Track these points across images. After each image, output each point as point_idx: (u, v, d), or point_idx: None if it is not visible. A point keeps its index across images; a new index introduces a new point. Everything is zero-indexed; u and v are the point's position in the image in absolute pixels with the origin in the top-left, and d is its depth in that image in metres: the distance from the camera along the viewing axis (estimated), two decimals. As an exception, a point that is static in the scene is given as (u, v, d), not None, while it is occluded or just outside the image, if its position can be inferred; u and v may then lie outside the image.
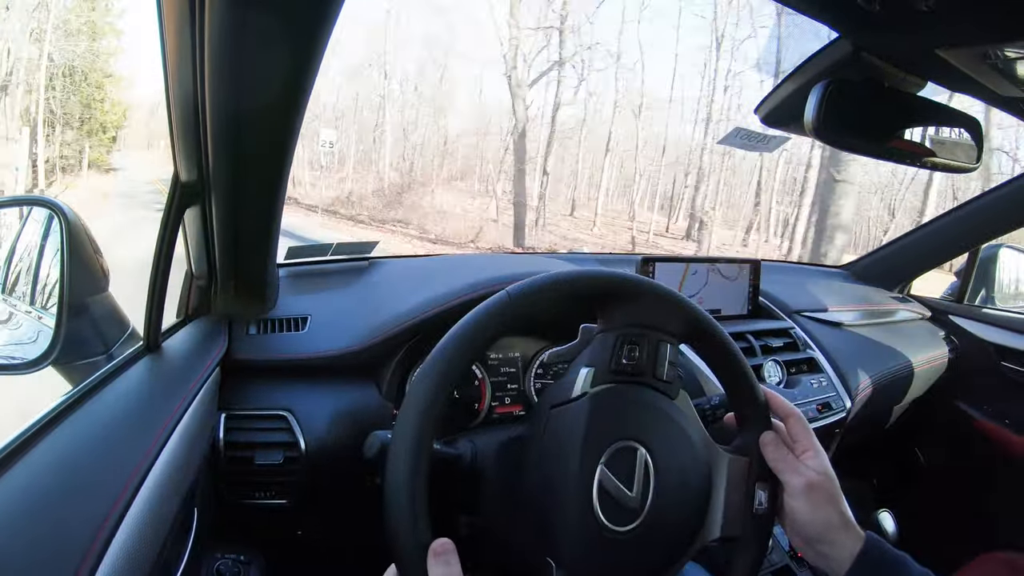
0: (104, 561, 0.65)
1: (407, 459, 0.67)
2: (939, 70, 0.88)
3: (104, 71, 19.42)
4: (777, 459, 0.82)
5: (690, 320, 0.82)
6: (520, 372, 1.43)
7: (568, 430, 0.76)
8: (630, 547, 0.74)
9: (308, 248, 1.59)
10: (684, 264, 1.82)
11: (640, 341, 0.79)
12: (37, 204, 1.07)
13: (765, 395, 0.87)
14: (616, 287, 0.81)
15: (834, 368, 1.82)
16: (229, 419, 1.16)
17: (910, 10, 0.73)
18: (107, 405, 0.85)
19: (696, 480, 0.79)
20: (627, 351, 0.79)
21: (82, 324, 1.04)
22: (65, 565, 0.61)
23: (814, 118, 0.85)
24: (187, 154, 0.88)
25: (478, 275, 1.32)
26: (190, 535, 1.02)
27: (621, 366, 0.78)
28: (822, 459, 0.83)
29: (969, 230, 2.18)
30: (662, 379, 0.80)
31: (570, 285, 0.79)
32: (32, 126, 16.21)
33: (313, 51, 0.67)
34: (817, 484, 0.80)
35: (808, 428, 0.85)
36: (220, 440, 1.15)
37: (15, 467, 0.67)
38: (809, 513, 0.79)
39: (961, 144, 0.98)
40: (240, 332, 1.27)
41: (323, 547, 1.39)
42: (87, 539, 0.65)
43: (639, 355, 0.79)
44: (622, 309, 0.81)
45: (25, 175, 14.61)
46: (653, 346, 0.80)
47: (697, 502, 0.79)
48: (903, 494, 2.40)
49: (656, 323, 0.81)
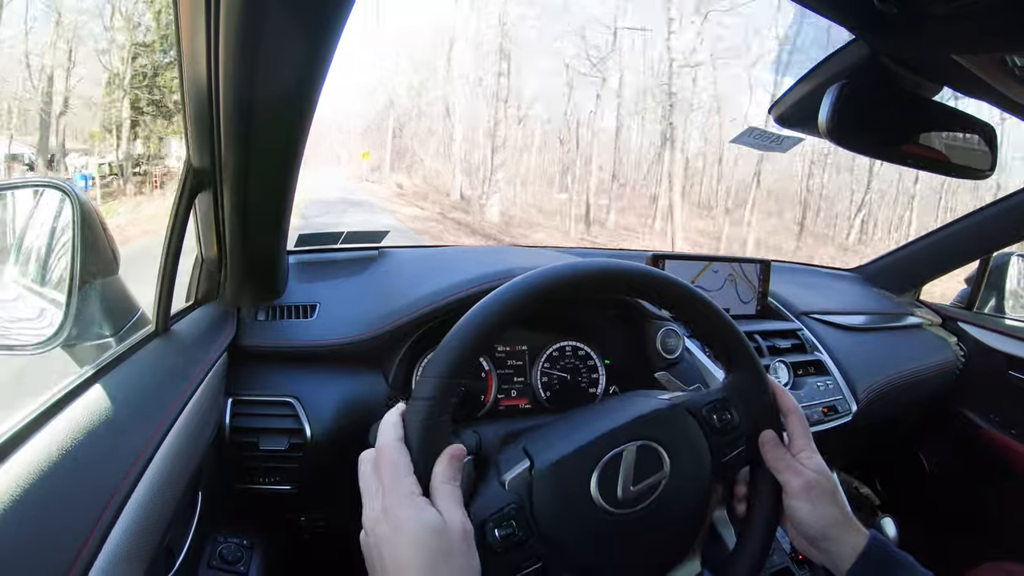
0: (108, 540, 0.66)
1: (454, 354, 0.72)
2: (955, 75, 0.87)
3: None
4: (776, 458, 0.83)
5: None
6: (527, 365, 1.43)
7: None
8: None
9: (318, 236, 1.60)
10: (704, 263, 1.83)
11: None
12: (49, 187, 1.08)
13: (772, 387, 0.88)
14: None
15: (841, 371, 1.81)
16: (236, 404, 1.17)
17: (927, 13, 0.72)
18: (116, 387, 0.85)
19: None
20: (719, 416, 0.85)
21: (92, 306, 1.04)
22: (69, 543, 0.62)
23: (828, 119, 0.84)
24: (200, 140, 0.89)
25: (487, 267, 1.32)
26: (194, 518, 1.03)
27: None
28: (818, 458, 0.84)
29: (981, 237, 2.16)
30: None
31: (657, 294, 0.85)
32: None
33: (327, 40, 0.67)
34: (815, 483, 0.81)
35: (806, 427, 0.87)
36: (226, 425, 1.15)
37: (26, 444, 0.67)
38: (810, 512, 0.80)
39: (975, 150, 0.98)
40: (249, 318, 1.27)
41: (326, 534, 1.40)
42: (92, 518, 0.66)
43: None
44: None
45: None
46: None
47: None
48: (906, 500, 2.39)
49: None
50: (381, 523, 0.64)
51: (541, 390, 1.42)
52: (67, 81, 17.41)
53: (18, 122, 16.98)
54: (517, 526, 0.71)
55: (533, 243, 7.68)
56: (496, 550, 0.69)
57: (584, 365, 1.46)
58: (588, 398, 1.44)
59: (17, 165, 16.42)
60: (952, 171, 0.99)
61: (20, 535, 0.59)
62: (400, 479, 0.66)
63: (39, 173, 14.45)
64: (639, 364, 1.42)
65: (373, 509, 0.67)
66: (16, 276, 1.17)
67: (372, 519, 0.66)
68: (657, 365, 1.39)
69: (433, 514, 0.63)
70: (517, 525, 0.71)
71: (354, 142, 35.94)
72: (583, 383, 1.45)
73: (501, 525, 0.70)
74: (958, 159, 0.96)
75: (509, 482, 0.74)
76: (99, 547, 0.64)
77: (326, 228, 1.65)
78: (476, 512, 0.70)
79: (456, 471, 0.68)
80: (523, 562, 0.70)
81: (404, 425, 0.70)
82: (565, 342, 1.45)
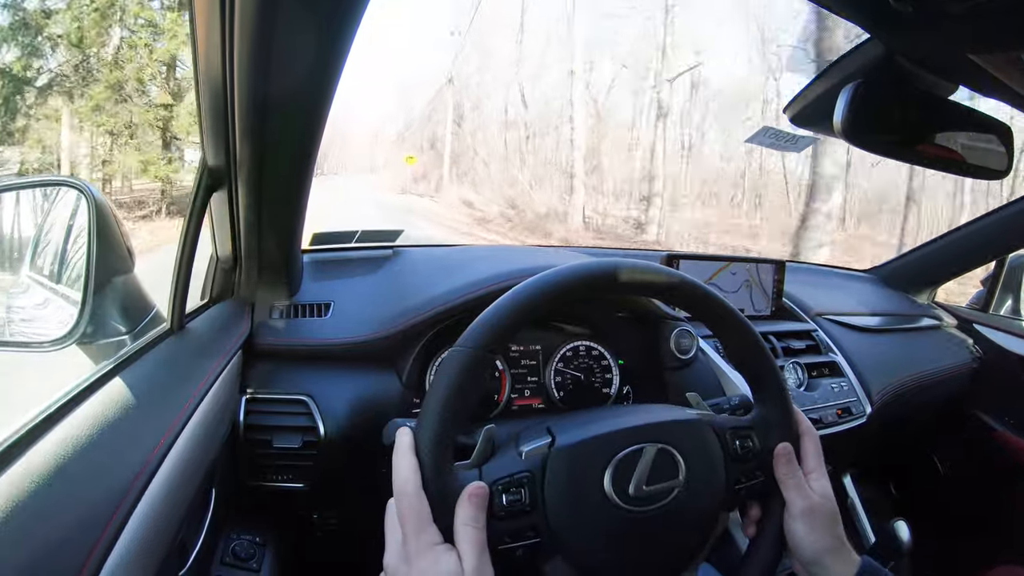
0: (122, 535, 0.66)
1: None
2: (971, 74, 0.87)
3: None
4: (787, 475, 0.83)
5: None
6: (540, 365, 1.43)
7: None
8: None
9: (333, 235, 1.60)
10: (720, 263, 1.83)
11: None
12: (65, 185, 1.09)
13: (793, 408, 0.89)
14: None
15: (856, 373, 1.80)
16: (250, 402, 1.18)
17: (943, 12, 0.72)
18: (131, 384, 0.86)
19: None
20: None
21: (107, 304, 1.05)
22: (83, 537, 0.62)
23: (843, 119, 0.84)
24: (215, 139, 0.89)
25: (501, 266, 1.32)
26: (207, 515, 1.03)
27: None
28: (825, 482, 0.84)
29: (997, 238, 2.14)
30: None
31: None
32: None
33: (342, 39, 0.68)
34: (818, 508, 0.81)
35: (819, 449, 0.87)
36: (240, 423, 1.16)
37: (42, 440, 0.68)
38: (806, 536, 0.80)
39: (991, 150, 0.97)
40: (263, 316, 1.28)
41: (338, 532, 1.40)
42: (106, 513, 0.66)
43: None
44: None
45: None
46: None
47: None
48: (920, 503, 2.37)
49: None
50: (401, 569, 0.66)
51: (555, 390, 1.42)
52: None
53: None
54: (525, 495, 0.72)
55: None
56: (499, 514, 0.70)
57: (598, 365, 1.45)
58: (602, 398, 1.44)
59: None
60: (968, 171, 0.98)
61: (35, 529, 0.59)
62: (422, 528, 0.66)
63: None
64: (653, 364, 1.42)
65: (394, 552, 0.67)
66: (33, 273, 1.18)
67: (393, 565, 0.67)
68: (671, 365, 1.38)
69: (452, 564, 0.64)
70: (525, 494, 0.72)
71: (390, 145, 31.23)
72: (596, 383, 1.45)
73: (509, 491, 0.71)
74: (974, 159, 0.95)
75: (527, 453, 0.75)
76: (113, 542, 0.65)
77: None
78: (488, 474, 0.72)
79: (479, 511, 0.68)
80: (524, 532, 0.72)
81: (419, 461, 0.70)
82: (579, 342, 1.45)
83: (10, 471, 0.62)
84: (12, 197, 1.16)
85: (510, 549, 0.71)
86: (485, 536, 0.67)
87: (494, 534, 0.69)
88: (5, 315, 1.17)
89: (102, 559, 0.63)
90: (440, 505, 0.68)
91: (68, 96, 13.24)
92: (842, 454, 1.86)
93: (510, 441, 0.79)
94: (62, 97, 13.19)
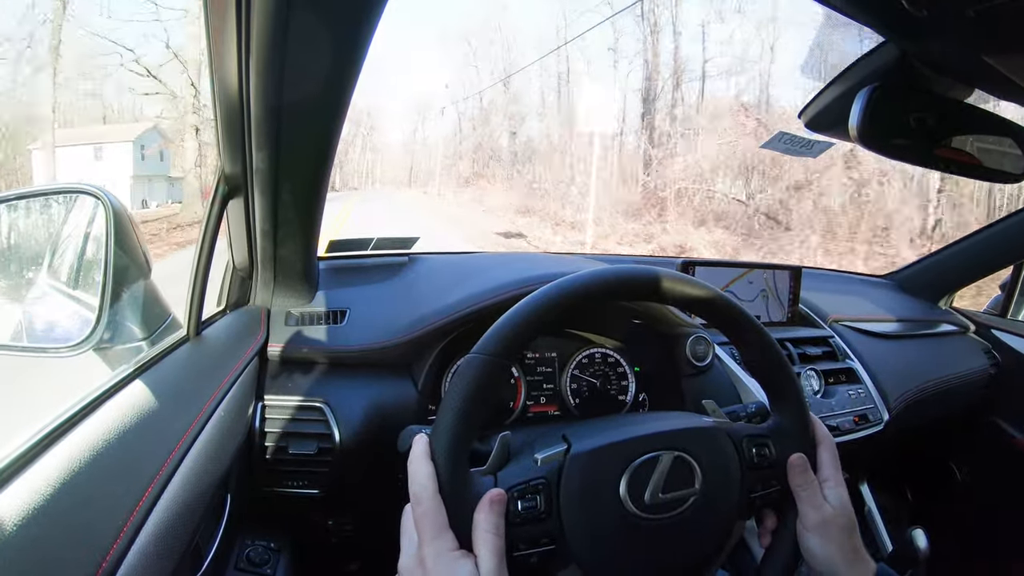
0: (138, 539, 0.67)
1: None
2: (987, 77, 0.86)
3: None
4: (802, 485, 0.82)
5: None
6: (556, 372, 1.43)
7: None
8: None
9: (349, 242, 1.61)
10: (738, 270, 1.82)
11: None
12: (83, 193, 1.10)
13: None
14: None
15: (873, 379, 1.79)
16: (265, 408, 1.19)
17: (958, 15, 0.71)
18: (149, 390, 0.87)
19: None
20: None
21: (124, 310, 1.06)
22: (100, 540, 0.63)
23: (859, 123, 0.83)
24: (231, 147, 0.90)
25: (517, 273, 1.32)
26: (222, 519, 1.04)
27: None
28: (841, 491, 0.83)
29: (1015, 243, 2.12)
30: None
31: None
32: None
33: (357, 49, 0.68)
34: (831, 520, 0.80)
35: (836, 458, 0.86)
36: (256, 428, 1.17)
37: (60, 443, 0.68)
38: (819, 548, 0.80)
39: (1008, 153, 0.96)
40: (279, 323, 1.28)
41: (353, 538, 1.41)
42: (123, 516, 0.67)
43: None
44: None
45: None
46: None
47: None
48: (937, 510, 2.35)
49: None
50: (416, 574, 0.66)
51: (570, 397, 1.42)
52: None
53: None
54: (540, 502, 0.71)
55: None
56: (514, 521, 0.70)
57: (613, 372, 1.45)
58: (617, 405, 1.44)
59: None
60: (985, 175, 0.97)
61: (53, 531, 0.60)
62: (437, 534, 0.66)
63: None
64: (669, 371, 1.41)
65: (409, 556, 0.67)
66: (51, 280, 1.19)
67: (408, 570, 0.67)
68: (686, 372, 1.38)
69: (468, 570, 0.64)
70: (541, 501, 0.71)
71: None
72: (612, 390, 1.44)
73: (525, 497, 0.71)
74: (991, 163, 0.95)
75: (542, 460, 0.75)
76: (129, 545, 0.65)
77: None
78: (503, 480, 0.72)
79: (500, 517, 0.68)
80: (538, 538, 0.71)
81: (435, 467, 0.70)
82: (594, 349, 1.45)
83: (30, 472, 0.62)
84: (31, 204, 1.17)
85: (525, 556, 0.71)
86: (504, 544, 0.67)
87: (509, 541, 0.68)
88: (24, 320, 1.18)
89: (118, 561, 0.63)
90: (456, 511, 0.67)
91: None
92: (859, 461, 1.84)
93: (525, 448, 0.79)
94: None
